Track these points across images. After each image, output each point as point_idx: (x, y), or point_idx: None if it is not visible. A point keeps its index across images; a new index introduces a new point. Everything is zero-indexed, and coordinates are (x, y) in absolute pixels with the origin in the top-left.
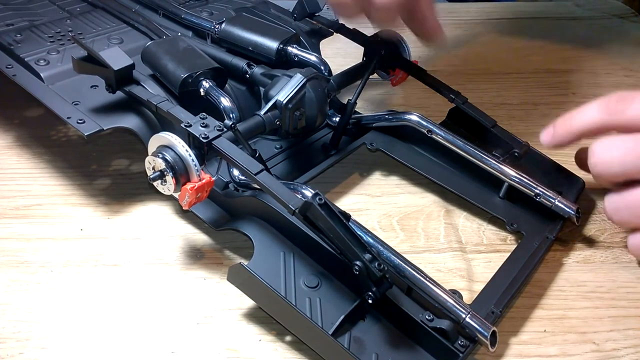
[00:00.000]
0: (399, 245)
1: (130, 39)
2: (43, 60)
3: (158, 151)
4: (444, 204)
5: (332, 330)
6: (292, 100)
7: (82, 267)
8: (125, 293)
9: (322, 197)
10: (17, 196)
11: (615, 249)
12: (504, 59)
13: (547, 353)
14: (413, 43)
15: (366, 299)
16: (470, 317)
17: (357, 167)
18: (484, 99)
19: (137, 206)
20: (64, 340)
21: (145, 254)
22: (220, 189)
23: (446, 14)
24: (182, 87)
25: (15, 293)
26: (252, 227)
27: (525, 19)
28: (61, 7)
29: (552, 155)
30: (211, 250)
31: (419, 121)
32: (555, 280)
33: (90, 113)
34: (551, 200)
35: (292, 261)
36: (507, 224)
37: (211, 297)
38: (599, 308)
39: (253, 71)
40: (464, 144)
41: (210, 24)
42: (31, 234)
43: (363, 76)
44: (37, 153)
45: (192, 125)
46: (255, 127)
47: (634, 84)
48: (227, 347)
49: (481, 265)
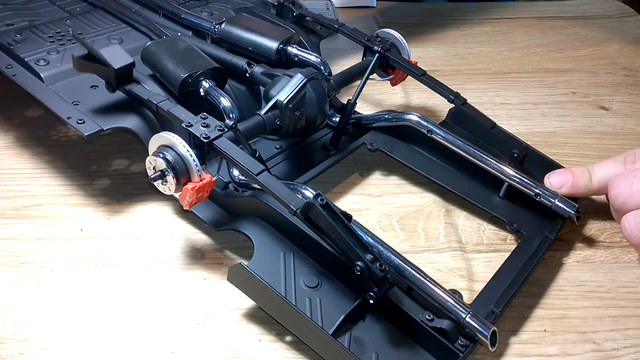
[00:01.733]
0: (399, 245)
1: (130, 39)
2: (43, 60)
3: (159, 151)
4: (444, 203)
5: (332, 330)
6: (293, 100)
7: (82, 268)
8: (125, 293)
9: (323, 198)
10: (17, 196)
11: (615, 248)
12: (504, 59)
13: (547, 352)
14: (412, 43)
15: (367, 299)
16: (471, 316)
17: (357, 167)
18: (483, 99)
19: (137, 206)
20: (64, 340)
21: (145, 254)
22: (220, 189)
23: (446, 14)
24: (182, 87)
25: (15, 293)
26: (252, 227)
27: (525, 18)
28: (61, 7)
29: (552, 155)
30: (211, 250)
31: (419, 121)
32: (555, 279)
33: (90, 113)
34: (551, 200)
35: (292, 261)
36: (507, 223)
37: (211, 297)
38: (599, 308)
39: (253, 70)
40: (463, 144)
41: (210, 24)
42: (31, 234)
43: (363, 76)
44: (37, 153)
45: (193, 125)
46: (256, 127)
47: (634, 83)
48: (227, 347)
49: (481, 265)
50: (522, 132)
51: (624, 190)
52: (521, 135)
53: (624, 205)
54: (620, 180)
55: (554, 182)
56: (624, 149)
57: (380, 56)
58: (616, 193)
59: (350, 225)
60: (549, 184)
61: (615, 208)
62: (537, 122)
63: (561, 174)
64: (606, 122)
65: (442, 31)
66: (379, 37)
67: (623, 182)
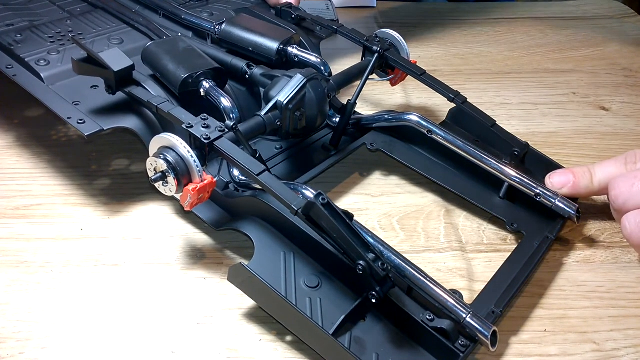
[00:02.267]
0: (399, 245)
1: (130, 39)
2: (43, 61)
3: (160, 152)
4: (444, 203)
5: (333, 330)
6: (293, 100)
7: (82, 267)
8: (126, 293)
9: (325, 197)
10: (17, 196)
11: (616, 248)
12: (504, 59)
13: (548, 352)
14: (412, 43)
15: (369, 298)
16: (471, 316)
17: (357, 167)
18: (484, 99)
19: (137, 206)
20: (64, 340)
21: (146, 254)
22: (221, 189)
23: (446, 14)
24: (183, 88)
25: (16, 293)
26: (253, 227)
27: (525, 19)
28: (61, 8)
29: (552, 155)
30: (211, 250)
31: (419, 121)
32: (555, 280)
33: (91, 113)
34: (551, 200)
35: (292, 261)
36: (508, 223)
37: (211, 297)
38: (599, 308)
39: (253, 72)
40: (464, 144)
41: (211, 25)
42: (31, 234)
43: (362, 76)
44: (37, 153)
45: (194, 126)
46: (256, 128)
47: (634, 84)
48: (228, 347)
49: (481, 265)
50: (522, 132)
51: (624, 191)
52: (521, 136)
53: (625, 205)
54: (620, 181)
55: (556, 182)
56: (624, 150)
57: (379, 56)
58: (617, 194)
59: (352, 224)
60: (550, 184)
61: (615, 208)
62: (538, 122)
63: (562, 175)
64: (606, 122)
65: (442, 31)
66: (377, 38)
67: (623, 182)
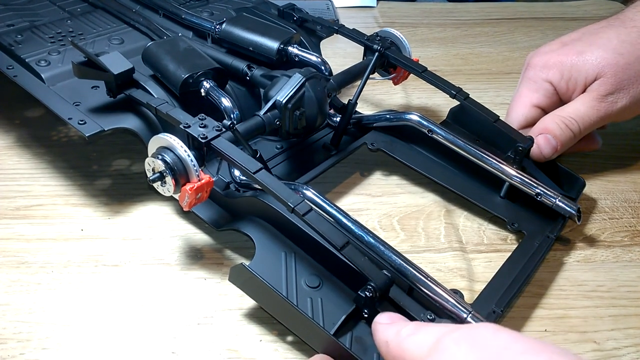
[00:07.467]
0: (399, 245)
1: (130, 39)
2: (44, 61)
3: (157, 152)
4: (445, 203)
5: (334, 330)
6: (292, 99)
7: (82, 268)
8: (126, 293)
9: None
10: (18, 196)
11: (616, 248)
12: (504, 59)
13: None
14: (412, 43)
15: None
16: (472, 316)
17: (357, 167)
18: (484, 99)
19: (137, 206)
20: (65, 340)
21: (146, 254)
22: (221, 190)
23: (446, 14)
24: (183, 88)
25: (16, 293)
26: (253, 228)
27: (525, 19)
28: (62, 8)
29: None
30: (212, 250)
31: (420, 121)
32: (556, 279)
33: (91, 114)
34: (552, 200)
35: (293, 261)
36: (508, 223)
37: (212, 297)
38: (600, 307)
39: (253, 73)
40: (464, 144)
41: (211, 24)
42: (32, 235)
43: (363, 76)
44: (37, 153)
45: (191, 126)
46: (255, 127)
47: None
48: (228, 347)
49: (482, 265)
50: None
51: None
52: None
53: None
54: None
55: (542, 151)
56: (624, 149)
57: (380, 55)
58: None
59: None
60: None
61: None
62: None
63: (547, 143)
64: None
65: (442, 31)
66: (378, 36)
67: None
